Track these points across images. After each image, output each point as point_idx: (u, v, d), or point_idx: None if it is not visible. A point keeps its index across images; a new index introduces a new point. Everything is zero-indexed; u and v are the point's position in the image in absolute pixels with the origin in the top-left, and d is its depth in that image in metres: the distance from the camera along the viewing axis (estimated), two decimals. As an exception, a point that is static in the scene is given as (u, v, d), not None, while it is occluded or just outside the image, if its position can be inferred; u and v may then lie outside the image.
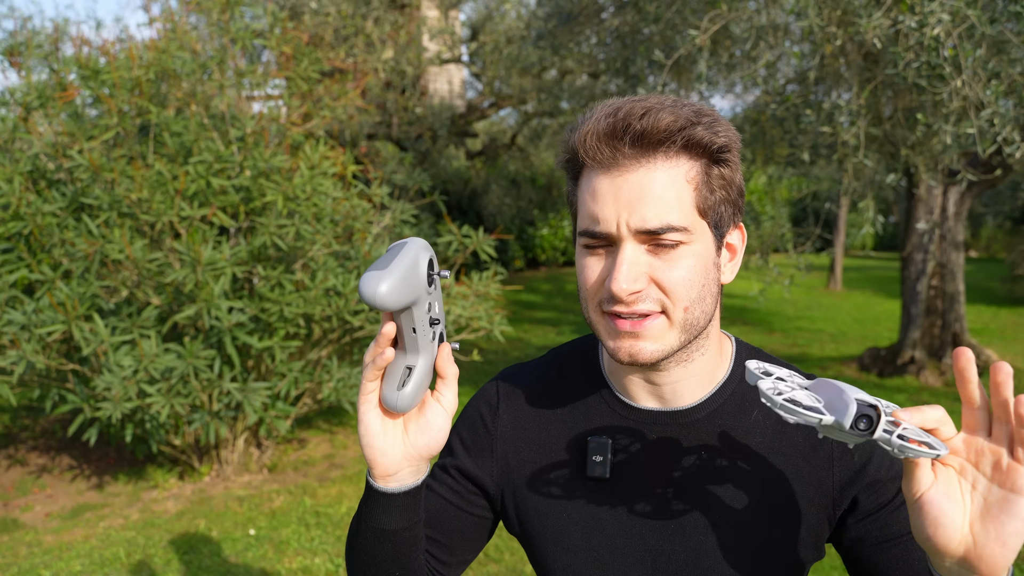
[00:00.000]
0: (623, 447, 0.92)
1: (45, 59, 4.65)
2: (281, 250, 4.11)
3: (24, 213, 3.74)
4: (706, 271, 0.82)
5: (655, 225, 0.78)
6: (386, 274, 0.71)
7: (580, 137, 0.81)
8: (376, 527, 0.85)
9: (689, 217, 0.80)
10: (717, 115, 0.82)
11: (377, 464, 0.82)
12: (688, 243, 0.80)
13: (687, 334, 0.83)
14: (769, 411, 0.90)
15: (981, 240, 19.32)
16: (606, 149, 0.79)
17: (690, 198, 0.80)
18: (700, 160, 0.80)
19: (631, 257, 0.79)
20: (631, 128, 0.78)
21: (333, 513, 3.95)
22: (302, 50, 4.69)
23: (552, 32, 6.25)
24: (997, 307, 10.62)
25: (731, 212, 0.84)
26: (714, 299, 0.85)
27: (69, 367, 3.78)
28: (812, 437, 0.89)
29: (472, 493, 0.99)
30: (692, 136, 0.78)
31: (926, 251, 6.46)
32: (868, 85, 4.36)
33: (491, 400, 1.01)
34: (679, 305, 0.81)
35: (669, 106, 0.79)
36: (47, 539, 3.75)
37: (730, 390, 0.92)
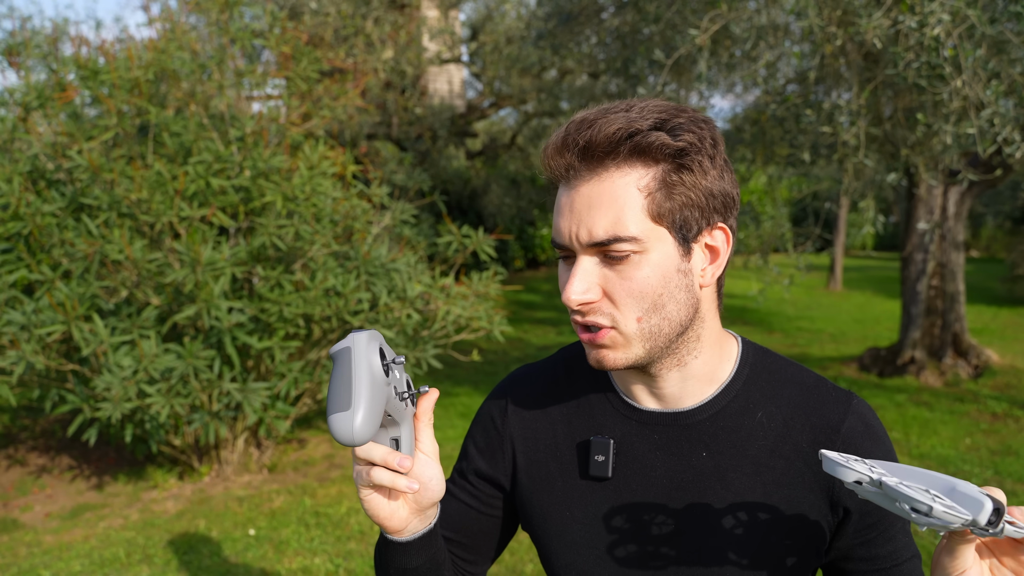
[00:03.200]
0: (626, 447, 0.92)
1: (44, 59, 4.65)
2: (280, 250, 4.11)
3: (24, 213, 3.74)
4: (664, 279, 0.81)
5: (601, 237, 0.78)
6: (353, 412, 0.71)
7: (542, 152, 0.83)
8: (399, 567, 0.88)
9: (641, 225, 0.79)
10: (692, 116, 0.80)
11: (387, 527, 0.85)
12: (642, 252, 0.79)
13: (650, 343, 0.83)
14: (774, 414, 0.89)
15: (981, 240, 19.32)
16: (560, 162, 0.81)
17: (641, 206, 0.78)
18: (657, 166, 0.79)
19: (583, 269, 0.81)
20: (576, 141, 0.79)
21: (333, 513, 3.95)
22: (301, 50, 4.68)
23: (552, 32, 6.24)
24: (997, 307, 10.62)
25: (698, 215, 0.82)
26: (682, 306, 0.83)
27: (69, 367, 3.78)
28: (816, 442, 0.88)
29: (491, 496, 1.01)
30: (640, 144, 0.77)
31: (926, 251, 6.46)
32: (868, 85, 4.36)
33: (501, 401, 1.03)
34: (629, 316, 0.81)
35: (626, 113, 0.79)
36: (47, 539, 3.75)
37: (734, 391, 0.91)
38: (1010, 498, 3.94)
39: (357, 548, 3.57)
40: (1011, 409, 5.47)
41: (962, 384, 6.21)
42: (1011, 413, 5.38)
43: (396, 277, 4.21)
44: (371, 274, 4.21)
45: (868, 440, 0.88)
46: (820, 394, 0.90)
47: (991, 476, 4.25)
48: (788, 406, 0.90)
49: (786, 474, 0.88)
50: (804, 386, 0.91)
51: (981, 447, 4.72)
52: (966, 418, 5.32)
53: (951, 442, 4.82)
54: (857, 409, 0.89)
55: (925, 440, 4.87)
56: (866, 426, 0.88)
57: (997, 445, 4.75)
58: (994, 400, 5.71)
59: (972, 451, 4.66)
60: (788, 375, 0.92)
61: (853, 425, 0.88)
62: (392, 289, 4.23)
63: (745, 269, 6.86)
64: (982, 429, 5.08)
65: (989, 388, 6.06)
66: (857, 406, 0.89)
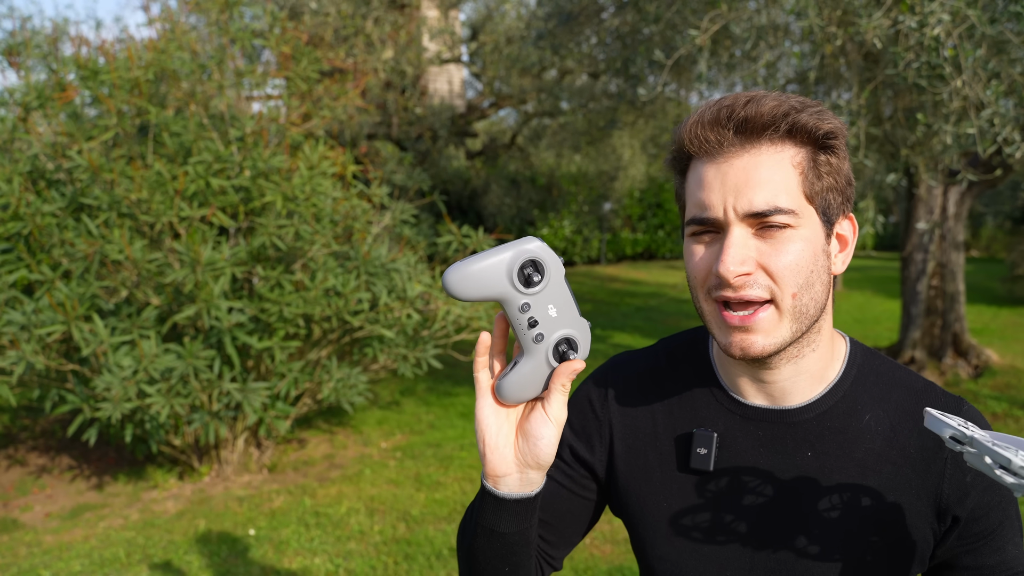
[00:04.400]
0: (728, 441, 0.91)
1: (44, 59, 4.65)
2: (280, 250, 4.11)
3: (23, 213, 3.74)
4: (815, 257, 0.81)
5: (762, 207, 0.78)
6: (460, 265, 0.74)
7: (687, 128, 0.82)
8: (487, 526, 0.84)
9: (796, 201, 0.79)
10: (823, 105, 0.82)
11: (487, 461, 0.81)
12: (796, 227, 0.79)
13: (798, 323, 0.81)
14: (881, 417, 0.88)
15: (981, 240, 19.32)
16: (712, 137, 0.80)
17: (796, 182, 0.80)
18: (806, 146, 0.80)
19: (738, 240, 0.79)
20: (735, 115, 0.79)
21: (333, 513, 3.95)
22: (301, 50, 4.68)
23: (552, 32, 6.24)
24: (997, 307, 10.62)
25: (839, 201, 0.83)
26: (824, 288, 0.83)
27: (69, 367, 3.78)
28: (925, 447, 0.86)
29: (583, 478, 1.00)
30: (797, 121, 0.79)
31: (926, 251, 6.46)
32: (868, 85, 4.36)
33: (601, 388, 1.01)
34: (787, 291, 0.80)
35: (773, 95, 0.80)
36: (47, 539, 3.75)
37: (841, 392, 0.89)
38: (1010, 498, 3.94)
39: (357, 548, 3.57)
40: (1011, 409, 5.46)
41: (962, 384, 6.20)
42: (1011, 413, 5.38)
43: (396, 277, 4.21)
44: (371, 274, 4.21)
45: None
46: (929, 398, 0.89)
47: (991, 476, 4.25)
48: (896, 410, 0.88)
49: (893, 479, 0.86)
50: (913, 390, 0.90)
51: (981, 447, 4.72)
52: (966, 418, 5.32)
53: (951, 442, 4.82)
54: (969, 415, 0.87)
55: (925, 440, 4.87)
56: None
57: (997, 445, 4.75)
58: (994, 400, 5.71)
59: (972, 451, 4.65)
60: (897, 378, 0.91)
61: None
62: (392, 289, 4.22)
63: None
64: (982, 429, 5.08)
65: (989, 388, 6.06)
66: (968, 411, 0.87)
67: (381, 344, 4.39)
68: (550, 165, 13.68)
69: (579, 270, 14.73)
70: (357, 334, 4.35)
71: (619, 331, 9.08)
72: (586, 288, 12.61)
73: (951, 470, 0.85)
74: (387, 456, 4.85)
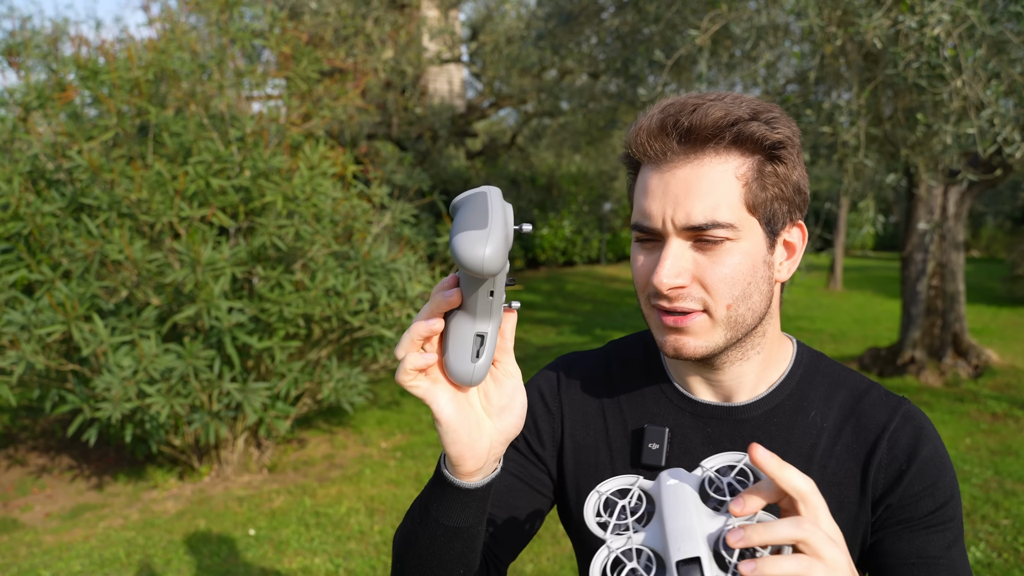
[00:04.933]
0: (679, 437, 0.92)
1: (44, 59, 4.65)
2: (281, 250, 4.11)
3: (23, 213, 3.74)
4: (753, 268, 0.82)
5: (700, 221, 0.78)
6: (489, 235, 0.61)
7: (634, 133, 0.82)
8: (451, 525, 0.78)
9: (737, 214, 0.79)
10: (778, 111, 0.81)
11: (466, 460, 0.74)
12: (735, 240, 0.80)
13: (733, 331, 0.83)
14: (827, 414, 0.89)
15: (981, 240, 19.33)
16: (656, 144, 0.80)
17: (738, 194, 0.79)
18: (753, 156, 0.80)
19: (675, 252, 0.80)
20: (679, 124, 0.78)
21: (333, 513, 3.95)
22: (302, 50, 4.68)
23: (552, 32, 6.24)
24: (997, 307, 10.62)
25: (786, 210, 0.83)
26: (764, 297, 0.84)
27: (69, 367, 3.78)
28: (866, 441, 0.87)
29: (538, 470, 0.98)
30: (742, 132, 0.78)
31: (926, 251, 6.46)
32: (868, 85, 4.36)
33: (552, 382, 1.01)
34: (720, 303, 0.81)
35: (724, 101, 0.79)
36: (47, 539, 3.75)
37: (787, 390, 0.91)
38: (1010, 498, 3.94)
39: (357, 548, 3.57)
40: (1011, 409, 5.46)
41: (962, 384, 6.21)
42: (1011, 413, 5.38)
43: (396, 277, 4.21)
44: (371, 274, 4.21)
45: (915, 440, 0.86)
46: (871, 398, 0.90)
47: (991, 476, 4.25)
48: (840, 408, 0.90)
49: (837, 474, 0.87)
50: (856, 390, 0.91)
51: (981, 447, 4.72)
52: (966, 418, 5.32)
53: (951, 442, 4.82)
54: (907, 412, 0.88)
55: (925, 440, 4.87)
56: (914, 428, 0.87)
57: (997, 445, 4.75)
58: (994, 400, 5.71)
59: (972, 451, 4.66)
60: (841, 378, 0.92)
61: (901, 426, 0.87)
62: (392, 289, 4.23)
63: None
64: (982, 429, 5.08)
65: (989, 388, 6.06)
66: (908, 410, 0.88)
67: (381, 344, 4.39)
68: (550, 165, 13.68)
69: (579, 270, 14.74)
70: (357, 334, 4.35)
71: (619, 331, 9.08)
72: (586, 288, 12.61)
73: (887, 460, 0.86)
74: (387, 456, 4.85)
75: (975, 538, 3.49)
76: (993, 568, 3.23)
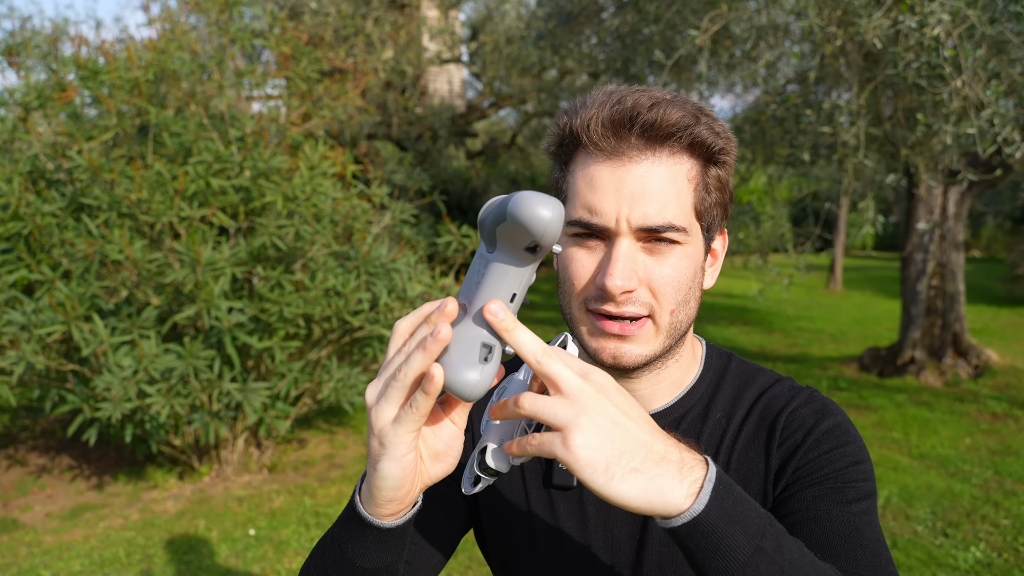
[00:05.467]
0: None
1: (44, 59, 4.65)
2: (281, 250, 4.11)
3: (23, 213, 3.74)
4: (694, 274, 0.80)
5: (657, 222, 0.75)
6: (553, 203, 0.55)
7: (583, 121, 0.77)
8: (369, 567, 0.72)
9: (688, 217, 0.78)
10: (714, 114, 0.80)
11: (393, 504, 0.68)
12: (683, 244, 0.78)
13: (670, 339, 0.81)
14: (732, 412, 0.88)
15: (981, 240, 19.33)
16: (612, 136, 0.75)
17: (690, 198, 0.77)
18: (699, 160, 0.78)
19: (627, 254, 0.76)
20: (640, 118, 0.74)
21: (333, 513, 3.95)
22: (301, 50, 4.68)
23: (552, 32, 6.24)
24: (997, 307, 10.62)
25: (720, 216, 0.82)
26: (697, 304, 0.82)
27: (69, 367, 3.78)
28: (766, 428, 0.85)
29: (452, 491, 0.93)
30: (698, 135, 0.76)
31: (926, 251, 6.46)
32: (868, 85, 4.36)
33: None
34: (666, 308, 0.78)
35: (675, 101, 0.77)
36: (47, 539, 3.75)
37: (698, 395, 0.89)
38: (1010, 498, 3.94)
39: (357, 548, 3.57)
40: (1011, 409, 5.46)
41: (962, 384, 6.21)
42: (1011, 413, 5.38)
43: (396, 277, 4.21)
44: (371, 274, 4.21)
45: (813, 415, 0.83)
46: (775, 390, 0.88)
47: (991, 476, 4.25)
48: (746, 404, 0.88)
49: (740, 468, 0.85)
50: (763, 385, 0.89)
51: (981, 447, 4.72)
52: (966, 418, 5.32)
53: (951, 442, 4.82)
54: (812, 395, 0.86)
55: (925, 440, 4.87)
56: (818, 408, 0.84)
57: (997, 445, 4.75)
58: (994, 400, 5.71)
59: (972, 451, 4.66)
60: (749, 377, 0.91)
61: (801, 403, 0.84)
62: (392, 289, 4.22)
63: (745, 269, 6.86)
64: (982, 429, 5.08)
65: (989, 388, 6.06)
66: (812, 394, 0.86)
67: (381, 344, 4.39)
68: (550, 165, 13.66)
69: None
70: (357, 334, 4.35)
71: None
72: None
73: (782, 436, 0.83)
74: (387, 456, 4.84)
75: (975, 538, 3.49)
76: (993, 568, 3.23)
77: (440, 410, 0.69)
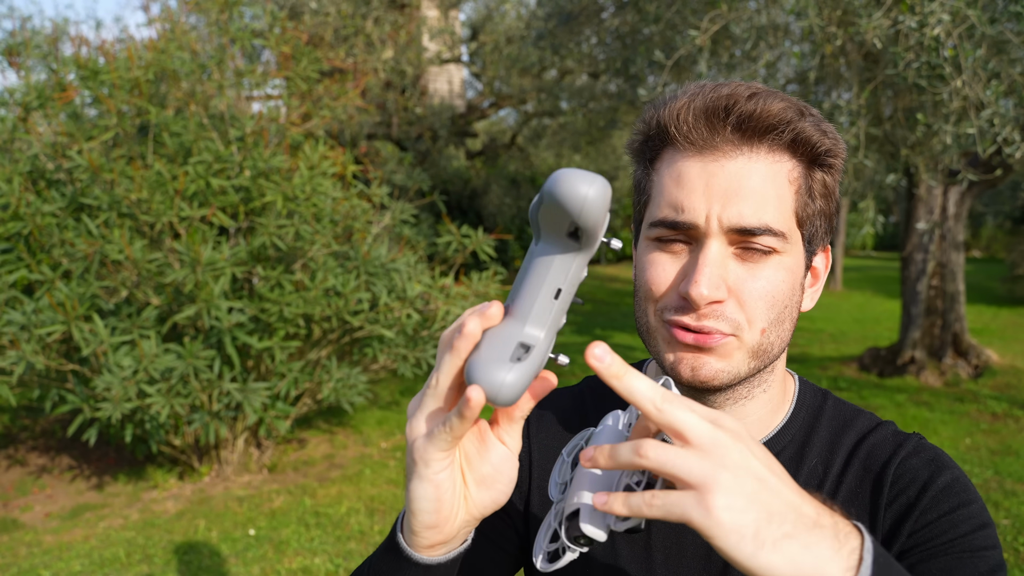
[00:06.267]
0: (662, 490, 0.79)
1: (44, 59, 4.65)
2: (281, 250, 4.11)
3: (23, 213, 3.74)
4: (792, 290, 0.70)
5: (752, 223, 0.66)
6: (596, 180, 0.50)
7: (672, 112, 0.69)
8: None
9: (788, 223, 0.68)
10: (819, 113, 0.72)
11: (434, 534, 0.60)
12: (782, 253, 0.68)
13: (758, 361, 0.71)
14: (830, 460, 0.78)
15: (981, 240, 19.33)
16: (704, 128, 0.67)
17: (791, 201, 0.69)
18: (803, 161, 0.70)
19: (716, 258, 0.67)
20: (737, 108, 0.67)
21: (333, 513, 3.95)
22: (301, 50, 4.69)
23: (552, 32, 6.25)
24: (997, 307, 10.62)
25: (825, 228, 0.73)
26: (792, 326, 0.72)
27: (69, 367, 3.78)
28: (872, 482, 0.75)
29: (505, 526, 0.85)
30: (802, 131, 0.68)
31: (926, 251, 6.46)
32: (868, 85, 4.36)
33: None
34: (756, 326, 0.69)
35: (777, 93, 0.69)
36: (47, 539, 3.75)
37: (789, 436, 0.79)
38: (1010, 498, 3.94)
39: (357, 548, 3.57)
40: (1011, 409, 5.47)
41: (962, 384, 6.21)
42: (1011, 413, 5.38)
43: (396, 277, 4.21)
44: (371, 274, 4.21)
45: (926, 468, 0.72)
46: (877, 435, 0.78)
47: (991, 476, 4.25)
48: (845, 451, 0.78)
49: None
50: (862, 430, 0.79)
51: (981, 447, 4.72)
52: (966, 418, 5.32)
53: (951, 442, 4.82)
54: (919, 443, 0.76)
55: (925, 440, 4.88)
56: (929, 458, 0.74)
57: (997, 445, 4.75)
58: (994, 400, 5.71)
59: (972, 451, 4.66)
60: (847, 420, 0.80)
61: (910, 455, 0.74)
62: (392, 289, 4.23)
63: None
64: (982, 429, 5.08)
65: (989, 388, 6.06)
66: (920, 442, 0.76)
67: (381, 344, 4.39)
68: (550, 165, 13.67)
69: (579, 270, 14.75)
70: (357, 334, 4.35)
71: (619, 331, 9.08)
72: (586, 288, 12.61)
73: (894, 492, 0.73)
74: (387, 456, 4.85)
75: (975, 538, 3.49)
76: (993, 568, 3.23)
77: (487, 428, 0.61)
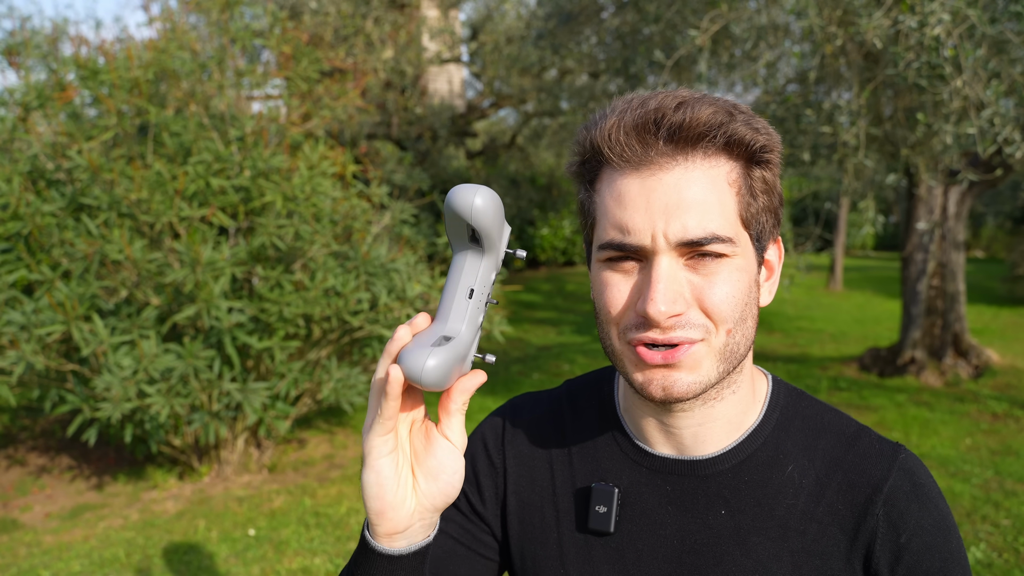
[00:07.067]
0: (632, 497, 0.80)
1: (44, 59, 4.65)
2: (280, 250, 4.11)
3: (23, 213, 3.74)
4: (749, 289, 0.71)
5: (698, 234, 0.67)
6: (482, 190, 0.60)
7: (603, 132, 0.69)
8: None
9: (733, 226, 0.69)
10: (750, 111, 0.72)
11: (385, 520, 0.67)
12: (731, 256, 0.69)
13: (727, 363, 0.71)
14: (807, 468, 0.77)
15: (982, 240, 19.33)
16: (636, 144, 0.68)
17: (733, 204, 0.69)
18: (740, 161, 0.70)
19: (668, 273, 0.67)
20: (666, 120, 0.67)
21: (333, 513, 3.95)
22: (302, 50, 4.69)
23: (552, 32, 6.25)
24: (998, 307, 10.62)
25: (772, 223, 0.74)
26: (755, 323, 0.73)
27: (69, 367, 3.78)
28: (855, 503, 0.75)
29: (481, 531, 0.87)
30: (734, 133, 0.68)
31: (926, 251, 6.46)
32: (868, 85, 4.36)
33: (497, 431, 0.90)
34: (722, 328, 0.69)
35: (704, 99, 0.69)
36: (47, 539, 3.75)
37: (761, 438, 0.78)
38: (1010, 498, 3.94)
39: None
40: (1011, 409, 5.46)
41: (962, 384, 6.20)
42: (1011, 413, 5.38)
43: (396, 277, 4.21)
44: (371, 274, 4.21)
45: (915, 502, 0.74)
46: (861, 446, 0.77)
47: (991, 476, 4.24)
48: (824, 460, 0.77)
49: (818, 541, 0.75)
50: (843, 436, 0.79)
51: (981, 447, 4.72)
52: (966, 418, 5.32)
53: (951, 442, 4.82)
54: (904, 464, 0.76)
55: (925, 440, 4.87)
56: (914, 485, 0.75)
57: (997, 445, 4.75)
58: (994, 400, 5.71)
59: (972, 451, 4.65)
60: (824, 422, 0.80)
61: (899, 484, 0.75)
62: (392, 289, 4.23)
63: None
64: (982, 429, 5.08)
65: (989, 388, 6.06)
66: (905, 461, 0.76)
67: (380, 344, 4.39)
68: (550, 165, 13.68)
69: (579, 270, 14.74)
70: (357, 334, 4.35)
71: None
72: (586, 288, 12.61)
73: (884, 529, 0.74)
74: (387, 456, 4.84)
75: (975, 538, 3.49)
76: (993, 568, 3.23)
77: (432, 426, 0.68)
